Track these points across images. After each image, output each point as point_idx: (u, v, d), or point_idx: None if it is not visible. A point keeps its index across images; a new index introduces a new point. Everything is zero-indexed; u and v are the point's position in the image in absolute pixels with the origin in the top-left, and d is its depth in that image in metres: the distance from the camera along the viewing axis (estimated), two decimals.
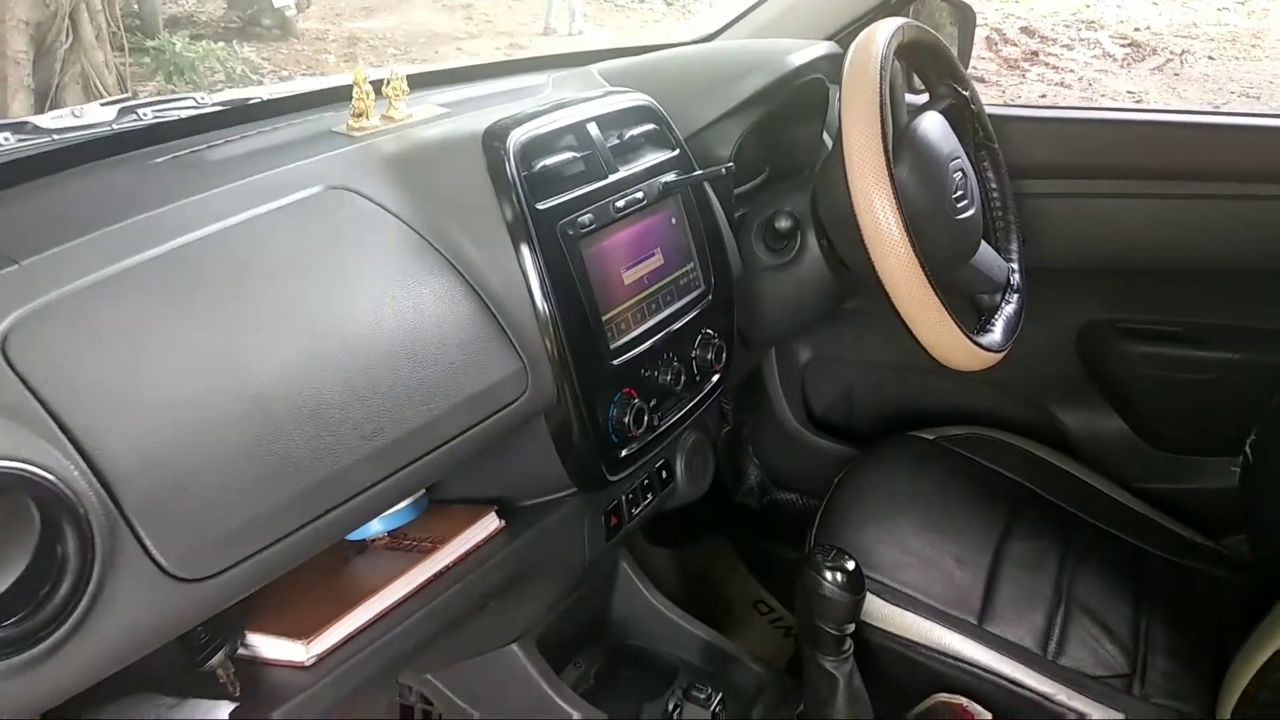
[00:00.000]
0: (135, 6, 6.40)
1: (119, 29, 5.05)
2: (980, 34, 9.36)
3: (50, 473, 0.46)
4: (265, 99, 0.94)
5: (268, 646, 0.69)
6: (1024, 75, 7.23)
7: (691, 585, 1.52)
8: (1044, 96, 6.63)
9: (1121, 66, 7.75)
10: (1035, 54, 7.94)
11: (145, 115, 0.86)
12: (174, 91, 5.43)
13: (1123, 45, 8.38)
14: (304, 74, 7.05)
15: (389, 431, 0.64)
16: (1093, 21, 9.41)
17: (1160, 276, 1.32)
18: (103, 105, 0.88)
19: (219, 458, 0.55)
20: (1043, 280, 1.23)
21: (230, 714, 0.64)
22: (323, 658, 0.68)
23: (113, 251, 0.61)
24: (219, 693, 0.65)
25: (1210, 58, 8.04)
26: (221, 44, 6.43)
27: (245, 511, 0.55)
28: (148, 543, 0.51)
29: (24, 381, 0.51)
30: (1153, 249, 1.30)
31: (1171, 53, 8.17)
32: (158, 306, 0.59)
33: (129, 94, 5.11)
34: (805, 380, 1.58)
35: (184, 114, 0.87)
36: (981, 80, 7.04)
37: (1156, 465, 1.34)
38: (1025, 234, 1.20)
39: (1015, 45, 8.28)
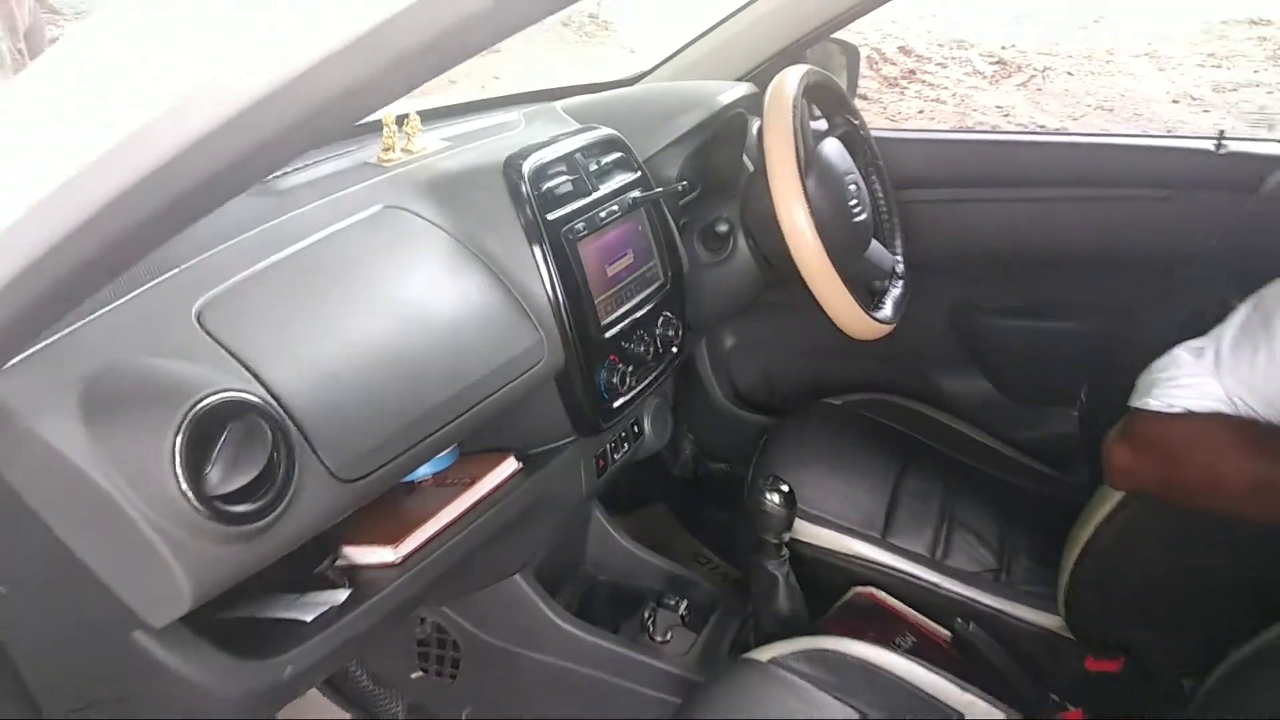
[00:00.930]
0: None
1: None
2: (861, 53, 9.87)
3: (265, 401, 0.69)
4: None
5: (361, 555, 0.90)
6: (903, 93, 7.71)
7: (641, 544, 1.77)
8: (921, 112, 7.09)
9: (991, 83, 8.34)
10: (912, 72, 8.46)
11: None
12: None
13: (991, 63, 8.98)
14: None
15: (456, 384, 0.87)
16: (963, 41, 10.03)
17: (1012, 264, 1.63)
18: None
19: (357, 396, 0.78)
20: (921, 270, 1.52)
21: (346, 600, 0.85)
22: (406, 558, 0.90)
23: (254, 254, 0.82)
24: (331, 585, 0.87)
25: (1069, 73, 8.71)
26: None
27: (378, 435, 0.78)
28: (321, 454, 0.73)
29: (221, 345, 0.73)
30: (1006, 242, 1.61)
31: (1035, 69, 8.83)
32: (296, 290, 0.81)
33: None
34: (730, 363, 1.84)
35: None
36: (864, 98, 7.50)
37: (1015, 415, 1.65)
38: (906, 233, 1.49)
39: (894, 64, 8.80)
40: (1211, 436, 0.92)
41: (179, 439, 0.63)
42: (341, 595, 0.85)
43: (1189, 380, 0.94)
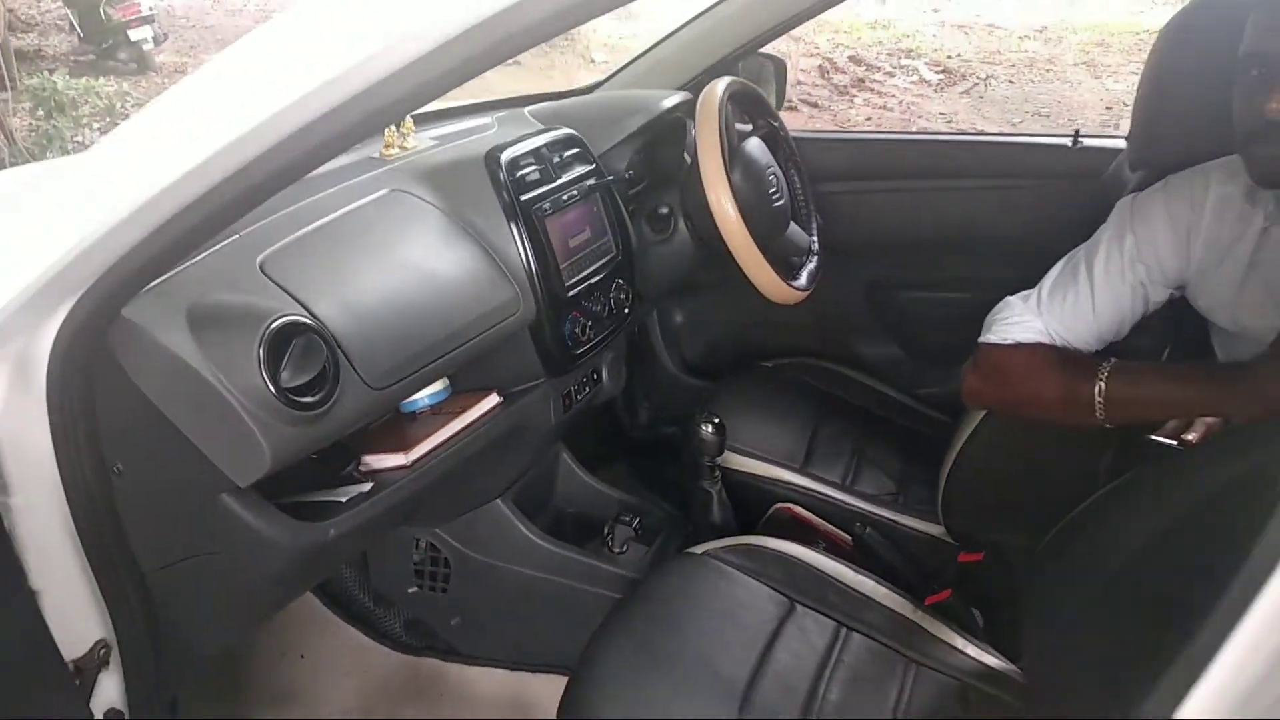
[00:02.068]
0: None
1: (9, 67, 5.17)
2: (813, 63, 10.13)
3: (320, 324, 0.94)
4: None
5: (379, 460, 1.15)
6: (852, 100, 8.06)
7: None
8: (869, 119, 7.44)
9: (936, 91, 8.73)
10: (862, 81, 8.81)
11: None
12: (54, 125, 5.56)
13: (937, 72, 9.36)
14: None
15: (451, 324, 1.13)
16: (911, 50, 10.41)
17: (916, 246, 1.92)
18: None
19: (380, 329, 1.03)
20: (841, 252, 1.80)
21: (370, 490, 1.10)
22: (414, 463, 1.15)
23: (295, 224, 1.07)
24: (356, 483, 1.12)
25: (1010, 81, 9.12)
26: (103, 79, 6.54)
27: (396, 357, 1.04)
28: (357, 367, 0.98)
29: (281, 286, 0.98)
30: (909, 227, 1.89)
31: (978, 78, 9.24)
32: (331, 250, 1.06)
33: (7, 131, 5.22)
34: (680, 337, 2.11)
35: None
36: (815, 105, 7.83)
37: (920, 374, 1.93)
38: (826, 220, 1.77)
39: (844, 73, 9.14)
40: (1033, 361, 1.20)
41: (261, 348, 0.88)
42: (366, 486, 1.10)
43: (1017, 319, 1.22)
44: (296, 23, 0.69)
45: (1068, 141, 1.71)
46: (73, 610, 0.93)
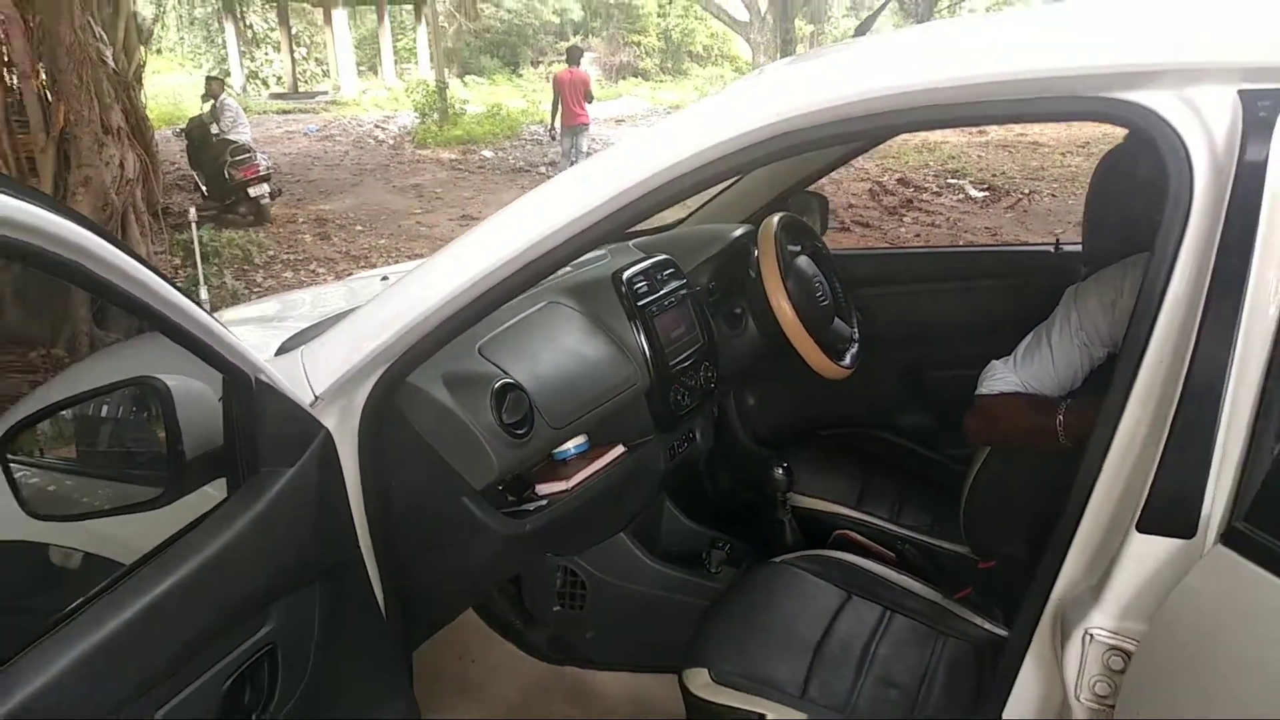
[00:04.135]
0: None
1: (160, 224, 6.06)
2: (864, 187, 10.70)
3: (520, 386, 1.46)
4: None
5: (547, 488, 1.64)
6: (901, 220, 8.63)
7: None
8: (918, 236, 7.98)
9: (981, 207, 9.27)
10: (910, 201, 9.41)
11: None
12: (199, 273, 6.40)
13: (981, 190, 9.92)
14: (287, 252, 8.09)
15: (594, 390, 1.64)
16: (957, 170, 11.01)
17: (939, 335, 2.40)
18: None
19: (555, 388, 1.54)
20: (880, 342, 2.29)
21: (545, 505, 1.59)
22: (572, 489, 1.64)
23: (493, 325, 1.60)
24: (535, 502, 1.61)
25: (1053, 195, 9.62)
26: (226, 231, 7.47)
27: (567, 406, 1.55)
28: (543, 413, 1.49)
29: (491, 362, 1.50)
30: (934, 320, 2.38)
31: (1021, 194, 9.76)
32: (518, 340, 1.59)
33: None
34: (753, 416, 2.60)
35: None
36: (867, 225, 8.41)
37: (947, 436, 2.37)
38: (866, 317, 2.27)
39: (893, 194, 9.76)
40: (1011, 404, 1.66)
41: (491, 398, 1.40)
42: (544, 503, 1.60)
43: (1000, 375, 1.69)
44: (521, 207, 1.24)
45: (1051, 248, 2.20)
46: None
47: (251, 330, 1.88)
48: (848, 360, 2.10)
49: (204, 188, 9.48)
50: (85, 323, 4.87)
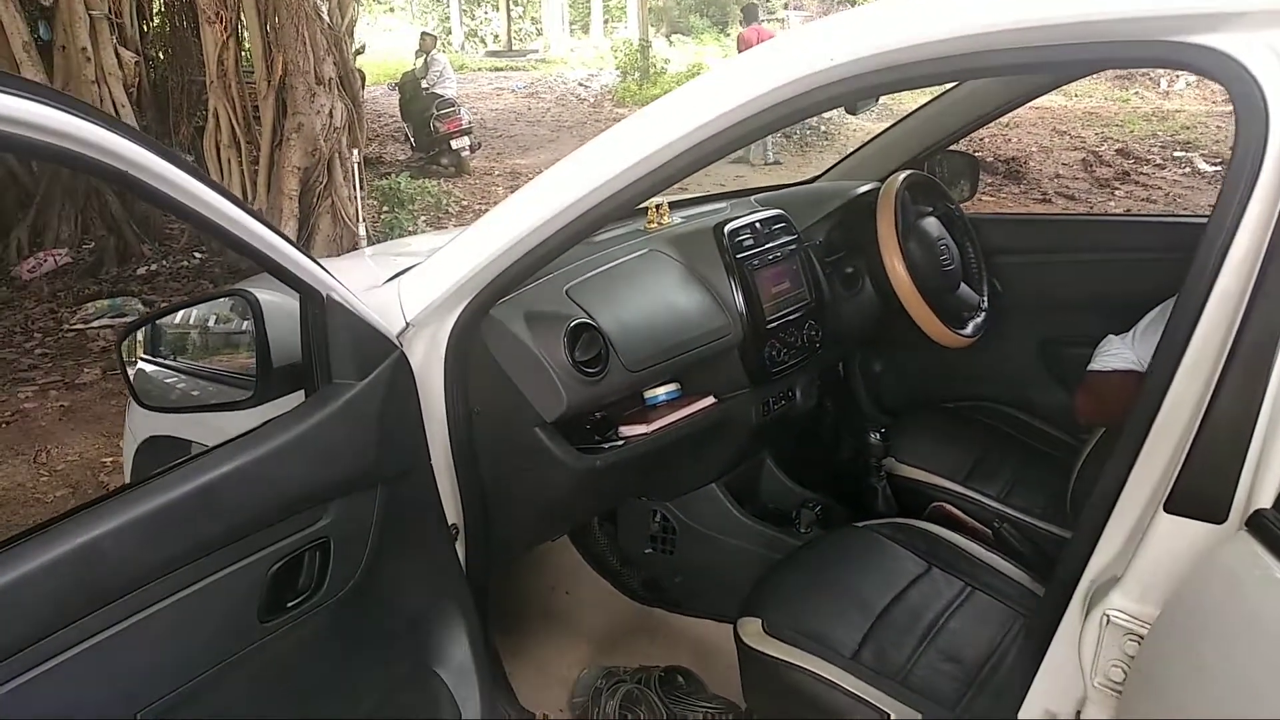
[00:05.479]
0: None
1: (361, 171, 6.54)
2: (1077, 156, 9.97)
3: (598, 326, 1.51)
4: None
5: (630, 430, 1.68)
6: (1113, 193, 7.98)
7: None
8: (1128, 211, 7.38)
9: (1209, 183, 8.41)
10: (1127, 174, 8.66)
11: None
12: (395, 216, 6.89)
13: (1214, 164, 9.00)
14: (479, 203, 8.51)
15: (683, 335, 1.66)
16: (1189, 143, 10.03)
17: (1082, 309, 2.23)
18: None
19: (638, 332, 1.57)
20: (1019, 313, 2.17)
21: (622, 445, 1.64)
22: (654, 431, 1.67)
23: (589, 267, 1.65)
24: (615, 442, 1.66)
25: None
26: (428, 181, 7.96)
27: (647, 351, 1.58)
28: (620, 355, 1.53)
29: (578, 303, 1.55)
30: (1073, 293, 2.22)
31: None
32: (611, 284, 1.63)
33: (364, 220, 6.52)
34: (878, 383, 2.53)
35: None
36: (1072, 198, 7.85)
37: None
38: (1004, 286, 2.16)
39: (1109, 166, 9.01)
40: (1124, 384, 1.54)
41: (565, 336, 1.45)
42: (621, 443, 1.64)
43: (1115, 351, 1.57)
44: (592, 148, 1.27)
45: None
46: (444, 494, 1.52)
47: (387, 264, 2.02)
48: (969, 329, 2.01)
49: (412, 139, 10.11)
50: None
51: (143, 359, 1.25)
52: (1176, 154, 9.49)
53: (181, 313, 1.25)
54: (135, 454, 1.81)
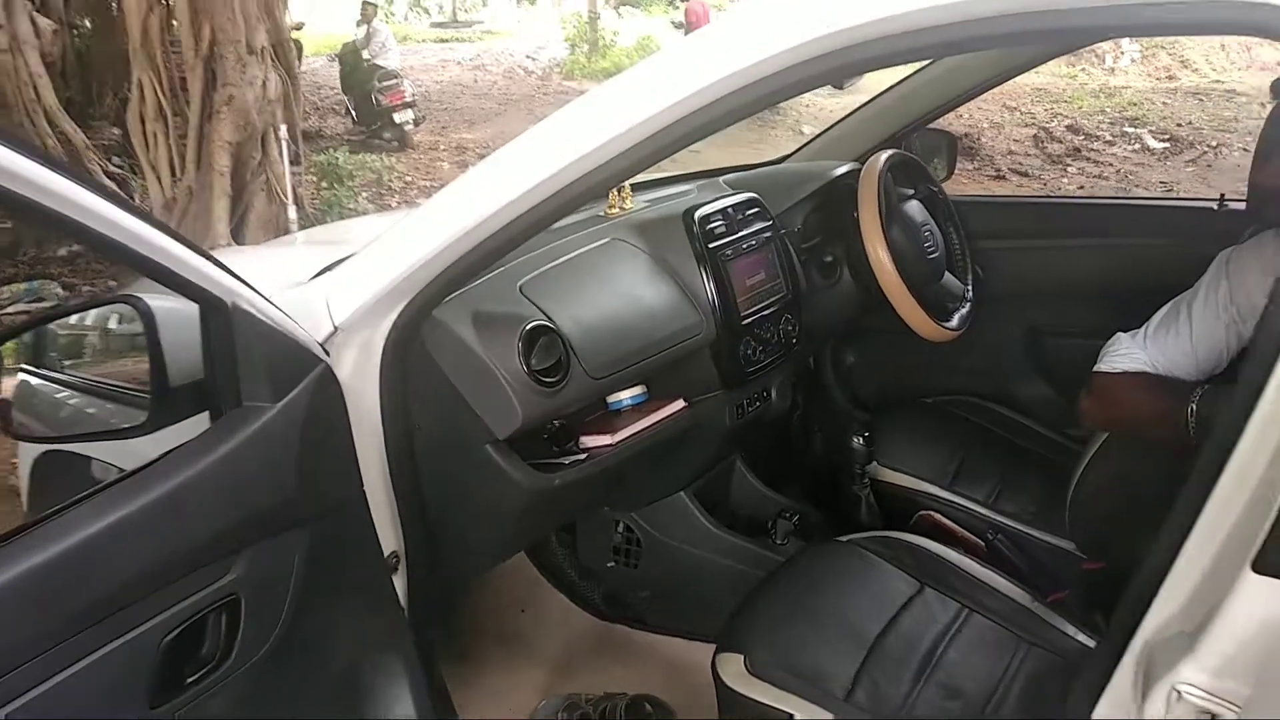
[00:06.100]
0: None
1: (297, 146, 6.23)
2: (1028, 133, 9.96)
3: (556, 328, 1.32)
4: None
5: (592, 440, 1.51)
6: (1065, 169, 7.97)
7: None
8: (1081, 188, 7.35)
9: (1159, 160, 8.44)
10: (1078, 150, 8.66)
11: None
12: (335, 193, 6.58)
13: (1162, 140, 9.04)
14: (424, 178, 8.21)
15: (650, 338, 1.48)
16: (1137, 119, 10.08)
17: (1069, 297, 2.11)
18: None
19: (599, 336, 1.40)
20: (1001, 302, 2.03)
21: (584, 459, 1.46)
22: (618, 443, 1.50)
23: (544, 260, 1.46)
24: (575, 454, 1.49)
25: (1244, 149, 8.66)
26: (370, 155, 7.64)
27: (608, 358, 1.40)
28: (581, 361, 1.35)
29: (533, 302, 1.37)
30: (1061, 281, 2.09)
31: (1208, 146, 8.82)
32: (568, 279, 1.45)
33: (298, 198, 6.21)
34: (852, 376, 2.38)
35: None
36: (1025, 174, 7.81)
37: (1069, 413, 2.09)
38: (988, 273, 2.01)
39: (1060, 142, 9.01)
40: (1135, 385, 1.40)
41: (520, 341, 1.27)
42: (582, 456, 1.47)
43: (1125, 350, 1.43)
44: (554, 126, 1.08)
45: (1214, 205, 1.87)
46: (381, 521, 1.34)
47: (320, 253, 1.81)
48: (955, 321, 1.87)
49: (354, 112, 9.75)
50: None
51: (20, 375, 1.04)
52: (1126, 130, 9.53)
53: (58, 322, 1.04)
54: (30, 473, 1.59)
